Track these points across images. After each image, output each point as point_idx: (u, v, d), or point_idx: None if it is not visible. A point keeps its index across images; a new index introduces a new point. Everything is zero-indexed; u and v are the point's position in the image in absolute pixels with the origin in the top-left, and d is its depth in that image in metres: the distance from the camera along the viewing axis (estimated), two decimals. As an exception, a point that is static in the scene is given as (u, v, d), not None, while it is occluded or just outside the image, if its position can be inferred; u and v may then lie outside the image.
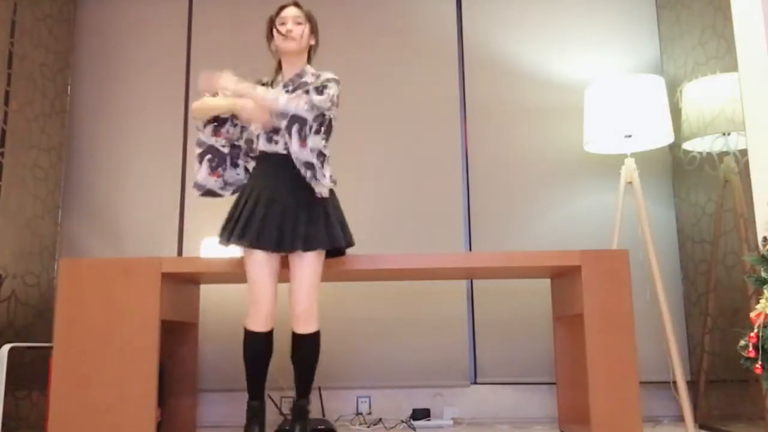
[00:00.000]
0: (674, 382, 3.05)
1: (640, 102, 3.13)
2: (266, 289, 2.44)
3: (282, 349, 2.53)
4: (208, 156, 2.61)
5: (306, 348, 2.48)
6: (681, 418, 3.11)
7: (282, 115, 2.39)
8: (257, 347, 2.46)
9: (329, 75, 2.52)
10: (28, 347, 3.10)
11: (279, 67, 2.64)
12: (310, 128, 2.42)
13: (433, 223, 3.55)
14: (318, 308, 2.48)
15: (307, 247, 2.41)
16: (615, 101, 3.16)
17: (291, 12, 2.58)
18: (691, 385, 3.23)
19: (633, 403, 2.58)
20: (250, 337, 2.45)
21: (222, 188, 2.65)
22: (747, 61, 2.51)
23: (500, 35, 3.75)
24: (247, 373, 2.50)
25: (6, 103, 3.18)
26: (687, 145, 3.27)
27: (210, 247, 3.50)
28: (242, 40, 3.75)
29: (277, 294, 2.47)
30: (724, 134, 3.01)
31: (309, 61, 2.64)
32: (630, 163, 3.17)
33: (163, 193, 3.65)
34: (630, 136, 3.17)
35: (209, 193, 2.64)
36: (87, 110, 3.75)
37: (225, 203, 2.69)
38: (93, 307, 2.63)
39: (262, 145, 2.52)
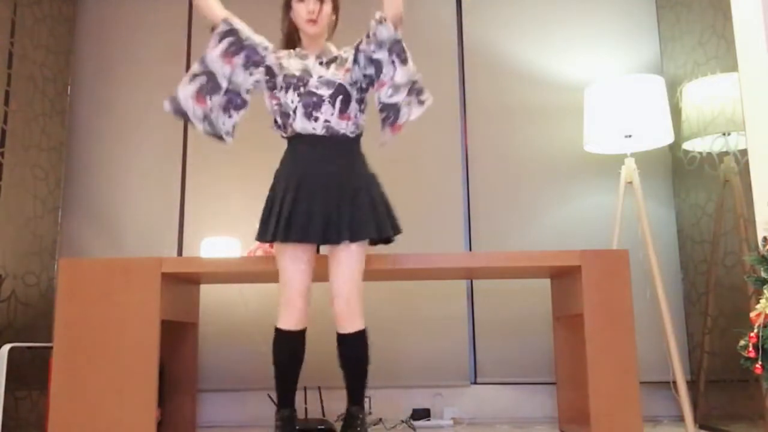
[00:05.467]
0: (674, 382, 3.05)
1: (640, 102, 3.12)
2: (299, 284, 2.24)
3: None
4: (203, 78, 2.24)
5: (351, 348, 2.26)
6: (681, 418, 3.10)
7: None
8: (289, 347, 2.23)
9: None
10: (28, 347, 3.10)
11: (296, 38, 2.42)
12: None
13: (433, 223, 3.55)
14: (362, 305, 2.29)
15: (355, 237, 2.22)
16: (615, 101, 3.15)
17: None
18: (691, 385, 3.23)
19: (633, 403, 2.58)
20: (280, 336, 2.23)
21: (200, 120, 2.24)
22: (747, 61, 2.51)
23: (500, 35, 3.75)
24: (277, 377, 2.26)
25: (6, 103, 3.19)
26: (687, 145, 3.27)
27: (210, 247, 3.50)
28: (242, 40, 3.75)
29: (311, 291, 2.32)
30: (724, 134, 3.01)
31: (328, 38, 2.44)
32: (630, 163, 3.17)
33: (163, 193, 3.65)
34: (630, 136, 3.17)
35: (180, 112, 2.24)
36: (87, 110, 3.75)
37: (226, 202, 2.69)
38: (93, 307, 2.63)
39: (299, 123, 2.25)
